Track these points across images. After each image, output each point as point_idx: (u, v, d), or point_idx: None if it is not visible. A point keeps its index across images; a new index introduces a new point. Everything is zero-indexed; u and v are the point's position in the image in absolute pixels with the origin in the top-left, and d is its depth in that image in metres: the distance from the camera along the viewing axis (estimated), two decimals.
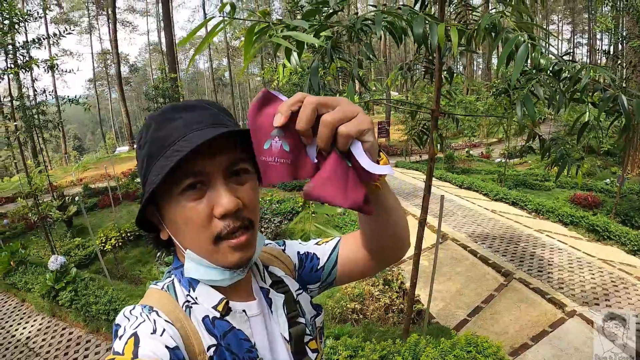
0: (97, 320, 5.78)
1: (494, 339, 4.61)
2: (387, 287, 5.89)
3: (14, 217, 13.93)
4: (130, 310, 0.74)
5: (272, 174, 0.66)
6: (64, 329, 6.13)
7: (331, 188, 0.64)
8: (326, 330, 4.37)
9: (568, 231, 8.50)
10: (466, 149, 23.36)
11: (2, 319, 6.86)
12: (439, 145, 3.38)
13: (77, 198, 11.33)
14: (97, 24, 53.06)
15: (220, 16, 1.37)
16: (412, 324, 5.08)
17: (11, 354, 5.62)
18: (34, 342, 5.85)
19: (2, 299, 7.71)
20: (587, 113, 2.24)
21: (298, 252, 1.07)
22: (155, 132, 0.76)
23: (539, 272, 6.32)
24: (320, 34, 2.30)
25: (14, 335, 6.17)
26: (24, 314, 6.94)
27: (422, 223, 3.63)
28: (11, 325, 6.54)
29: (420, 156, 21.15)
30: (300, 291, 1.00)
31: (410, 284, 3.89)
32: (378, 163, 0.69)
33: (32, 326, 6.40)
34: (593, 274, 6.16)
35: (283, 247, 1.08)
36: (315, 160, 0.67)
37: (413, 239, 3.67)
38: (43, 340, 5.88)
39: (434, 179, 13.95)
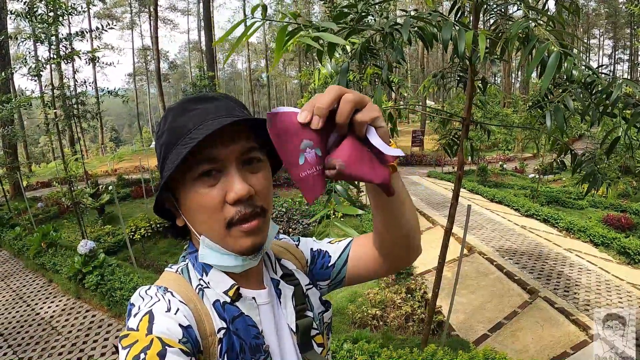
0: (121, 306, 5.89)
1: (513, 356, 4.52)
2: (409, 295, 5.84)
3: (48, 201, 14.35)
4: (146, 291, 0.77)
5: (318, 185, 0.68)
6: (87, 311, 6.29)
7: (363, 166, 0.67)
8: (345, 334, 4.36)
9: (598, 252, 8.29)
10: (500, 163, 23.02)
11: (28, 296, 7.09)
12: (469, 156, 3.35)
13: (110, 187, 11.60)
14: (139, 20, 54.25)
15: (254, 18, 1.39)
16: (432, 335, 5.02)
17: (34, 330, 5.79)
18: (57, 321, 6.01)
19: (31, 278, 7.99)
20: (620, 128, 2.17)
21: (311, 249, 1.08)
22: (173, 122, 0.78)
23: (565, 292, 6.17)
24: (353, 39, 2.30)
25: (38, 313, 6.36)
26: (50, 293, 7.15)
27: (448, 232, 3.59)
28: (36, 304, 6.75)
29: (453, 167, 20.88)
30: (310, 286, 1.01)
31: (432, 294, 3.84)
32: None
33: (56, 306, 6.58)
34: (621, 298, 5.99)
35: (297, 243, 1.10)
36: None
37: (438, 249, 3.66)
38: (66, 320, 6.04)
39: (465, 191, 13.89)
